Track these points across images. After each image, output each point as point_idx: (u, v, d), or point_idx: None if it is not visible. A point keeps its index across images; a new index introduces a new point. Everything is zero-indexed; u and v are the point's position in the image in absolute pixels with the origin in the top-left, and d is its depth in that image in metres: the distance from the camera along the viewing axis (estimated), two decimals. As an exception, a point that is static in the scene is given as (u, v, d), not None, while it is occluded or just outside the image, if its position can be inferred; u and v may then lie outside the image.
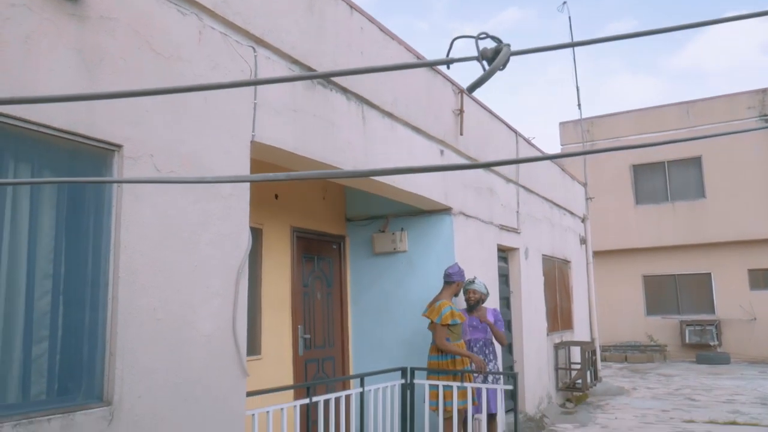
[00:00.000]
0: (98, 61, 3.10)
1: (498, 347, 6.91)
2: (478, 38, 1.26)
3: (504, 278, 8.50)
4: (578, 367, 10.25)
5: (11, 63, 2.74)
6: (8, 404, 2.75)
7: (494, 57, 1.19)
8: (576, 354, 10.60)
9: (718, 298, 17.42)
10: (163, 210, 3.39)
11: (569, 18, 11.90)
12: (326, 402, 4.84)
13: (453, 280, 6.14)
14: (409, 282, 6.96)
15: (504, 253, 8.59)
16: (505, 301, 8.49)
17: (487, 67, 1.18)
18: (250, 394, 3.97)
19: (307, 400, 4.59)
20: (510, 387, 5.64)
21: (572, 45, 1.37)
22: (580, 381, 10.04)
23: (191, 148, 3.59)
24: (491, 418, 6.16)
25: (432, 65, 1.27)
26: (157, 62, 3.43)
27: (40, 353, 2.91)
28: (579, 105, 13.44)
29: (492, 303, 7.35)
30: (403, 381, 5.73)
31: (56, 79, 2.91)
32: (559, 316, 10.65)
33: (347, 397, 5.05)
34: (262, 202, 6.06)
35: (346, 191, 7.48)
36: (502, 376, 6.25)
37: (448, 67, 1.36)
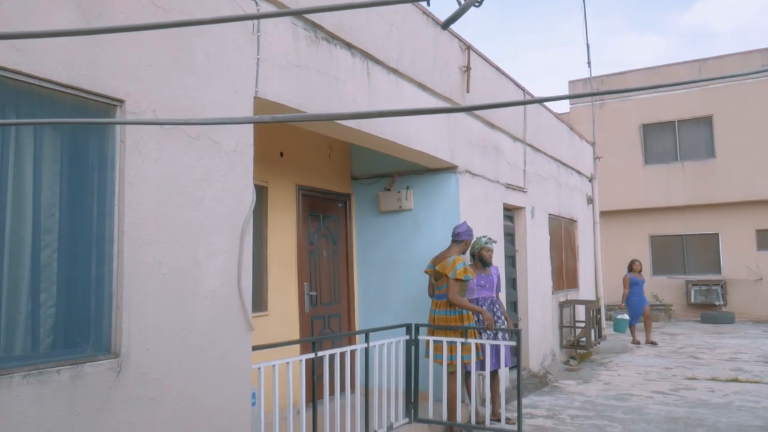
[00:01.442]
0: (98, 15, 3.07)
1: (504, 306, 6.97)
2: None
3: (510, 237, 8.51)
4: (583, 325, 10.33)
5: (10, 16, 2.71)
6: (18, 356, 2.81)
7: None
8: (581, 312, 10.67)
9: (725, 258, 17.41)
10: (167, 166, 3.40)
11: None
12: (331, 357, 4.91)
13: (462, 239, 6.15)
14: (414, 240, 6.99)
15: (510, 212, 8.59)
16: (511, 259, 8.52)
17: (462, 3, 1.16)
18: (255, 348, 4.03)
19: (312, 355, 4.66)
20: (513, 343, 5.70)
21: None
22: (584, 339, 10.13)
23: (194, 103, 3.58)
24: (494, 373, 6.25)
25: (411, 1, 1.24)
26: (157, 16, 3.38)
27: (48, 307, 2.96)
28: (588, 62, 13.22)
29: (497, 261, 7.39)
30: (408, 337, 5.79)
31: (56, 33, 2.88)
32: (564, 275, 10.69)
33: (352, 353, 5.12)
34: (267, 159, 6.05)
35: (352, 149, 7.46)
36: (505, 333, 6.31)
37: (428, 4, 1.34)
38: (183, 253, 3.46)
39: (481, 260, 6.52)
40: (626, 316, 11.90)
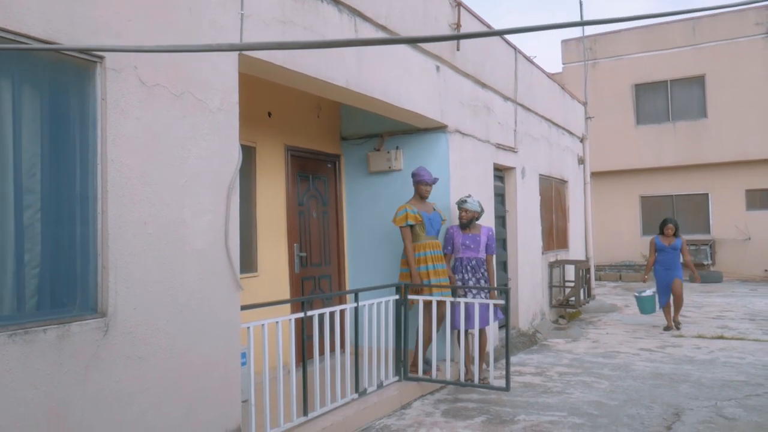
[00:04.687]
0: (74, -33, 2.97)
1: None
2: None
3: (500, 197, 8.51)
4: (572, 284, 10.42)
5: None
6: (3, 315, 2.80)
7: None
8: (570, 272, 10.75)
9: (715, 218, 17.53)
10: (150, 124, 3.34)
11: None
12: (321, 316, 4.92)
13: (414, 180, 6.33)
14: (404, 200, 6.95)
15: (500, 172, 8.57)
16: (501, 220, 8.53)
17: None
18: (244, 307, 4.04)
19: (302, 314, 4.67)
20: (502, 302, 5.74)
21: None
22: (573, 298, 10.23)
23: (177, 59, 3.50)
24: (481, 331, 6.31)
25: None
26: (137, -31, 3.28)
27: (32, 267, 2.94)
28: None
29: (487, 222, 7.38)
30: (397, 297, 5.82)
31: (31, -14, 2.80)
32: (554, 235, 10.73)
33: (342, 312, 5.14)
34: (254, 119, 5.98)
35: (341, 109, 7.37)
36: (484, 292, 6.35)
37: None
38: (169, 213, 3.44)
39: (459, 219, 6.51)
40: (650, 293, 9.55)
